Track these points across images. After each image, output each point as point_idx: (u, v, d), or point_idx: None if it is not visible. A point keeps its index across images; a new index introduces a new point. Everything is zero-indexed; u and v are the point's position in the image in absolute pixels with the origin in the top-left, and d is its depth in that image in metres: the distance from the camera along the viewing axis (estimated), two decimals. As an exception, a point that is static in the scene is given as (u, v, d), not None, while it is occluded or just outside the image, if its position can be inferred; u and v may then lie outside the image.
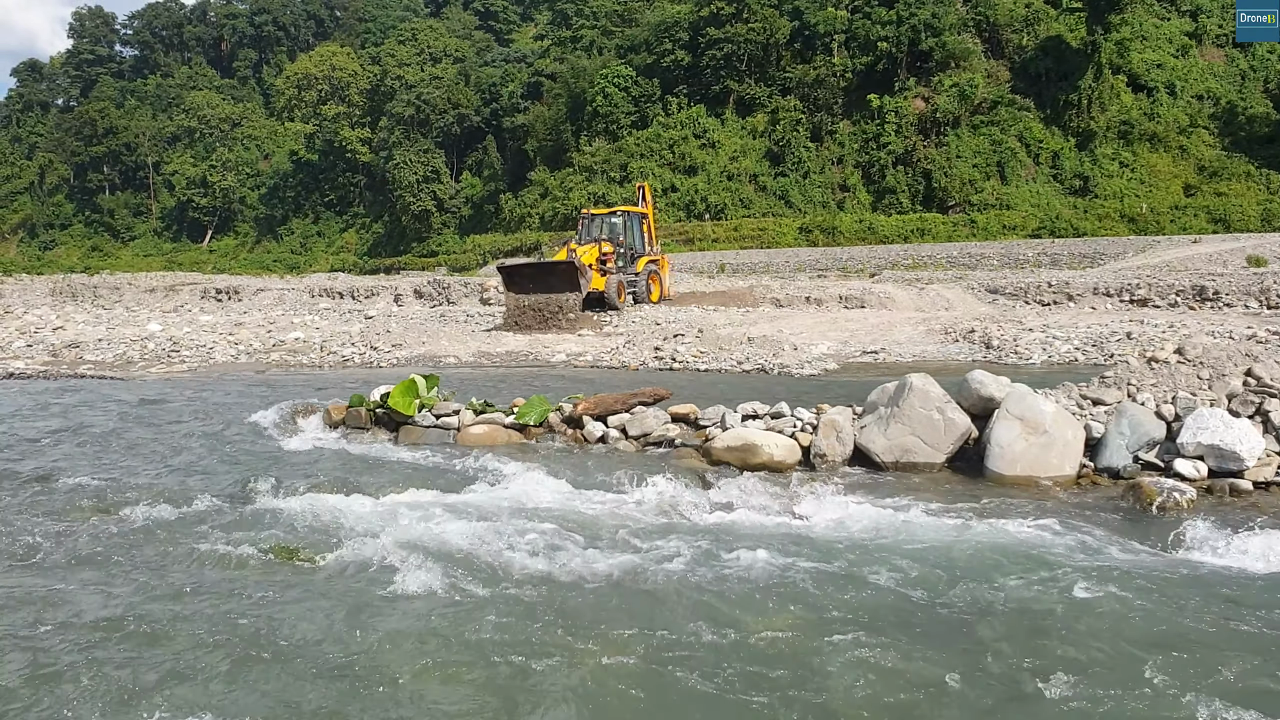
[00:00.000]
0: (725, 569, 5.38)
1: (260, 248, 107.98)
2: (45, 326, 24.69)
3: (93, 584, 5.26)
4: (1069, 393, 7.93)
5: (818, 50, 74.27)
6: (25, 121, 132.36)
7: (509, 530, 6.02)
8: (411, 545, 5.74)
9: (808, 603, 4.92)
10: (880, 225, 63.43)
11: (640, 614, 4.80)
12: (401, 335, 21.26)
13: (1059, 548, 5.67)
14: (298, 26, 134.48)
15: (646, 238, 29.61)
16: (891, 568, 5.36)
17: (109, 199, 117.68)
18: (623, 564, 5.51)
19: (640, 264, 28.38)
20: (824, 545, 5.80)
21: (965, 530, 6.03)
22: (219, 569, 5.49)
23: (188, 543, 5.96)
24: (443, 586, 5.12)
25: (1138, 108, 65.12)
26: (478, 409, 9.45)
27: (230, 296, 41.28)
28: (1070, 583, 5.05)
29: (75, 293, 46.45)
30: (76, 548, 5.91)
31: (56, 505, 6.87)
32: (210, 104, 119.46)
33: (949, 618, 4.72)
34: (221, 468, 8.20)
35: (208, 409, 11.51)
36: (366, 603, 4.98)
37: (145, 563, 5.59)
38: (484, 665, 4.27)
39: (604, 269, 26.09)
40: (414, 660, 4.32)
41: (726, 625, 4.64)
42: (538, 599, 4.99)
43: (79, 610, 4.87)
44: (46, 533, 6.19)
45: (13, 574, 5.40)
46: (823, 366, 16.10)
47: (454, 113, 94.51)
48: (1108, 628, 4.56)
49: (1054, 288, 28.09)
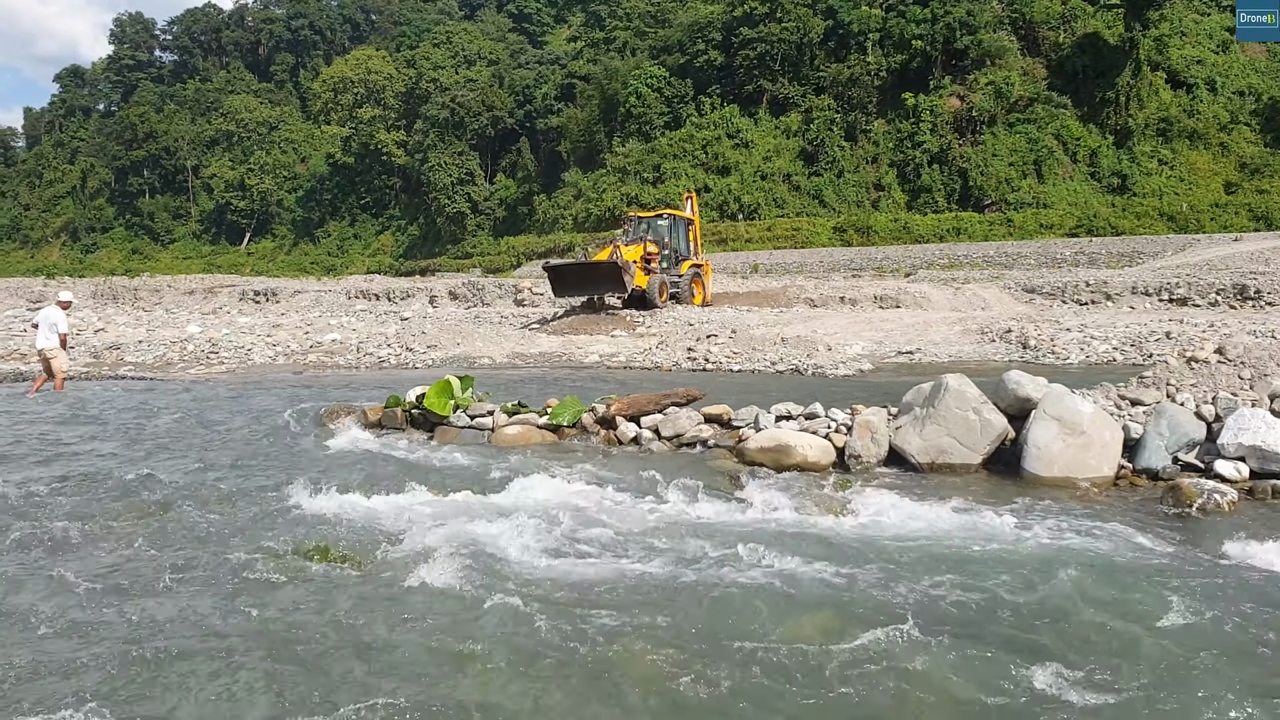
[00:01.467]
0: (759, 570, 5.37)
1: (297, 250, 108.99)
2: (87, 329, 25.06)
3: (130, 582, 5.32)
4: (1107, 393, 7.85)
5: (852, 49, 73.87)
6: (68, 126, 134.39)
7: (542, 530, 6.04)
8: (445, 545, 5.77)
9: (842, 605, 4.90)
10: (915, 224, 63.01)
11: (674, 614, 4.79)
12: (436, 336, 21.38)
13: (1097, 549, 5.61)
14: (334, 30, 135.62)
15: (692, 243, 30.48)
16: (928, 570, 5.32)
17: (149, 202, 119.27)
18: (656, 565, 5.51)
19: (684, 267, 29.04)
20: (859, 547, 5.77)
21: (1002, 532, 5.98)
22: (254, 568, 5.54)
23: (224, 542, 6.03)
24: (475, 587, 5.14)
25: (1177, 104, 64.29)
26: (511, 410, 9.50)
27: (268, 298, 41.69)
28: (1110, 585, 5.00)
29: (116, 295, 47.07)
30: (115, 546, 5.99)
31: (95, 504, 6.97)
32: (248, 108, 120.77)
33: (987, 620, 4.68)
34: (259, 468, 8.29)
35: (246, 409, 11.63)
36: (401, 602, 5.01)
37: (182, 561, 5.66)
38: (518, 665, 4.28)
39: (647, 268, 26.76)
40: (447, 660, 4.35)
41: (761, 627, 4.63)
42: (571, 599, 5.00)
43: (116, 606, 4.94)
44: (86, 531, 6.28)
45: (55, 569, 5.49)
46: (857, 367, 16.03)
47: (488, 115, 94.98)
48: (1150, 631, 4.50)
49: (1092, 287, 27.81)
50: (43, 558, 5.78)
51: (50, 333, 14.25)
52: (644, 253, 26.87)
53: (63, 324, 14.39)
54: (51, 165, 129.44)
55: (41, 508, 6.86)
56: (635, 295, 26.08)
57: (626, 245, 26.82)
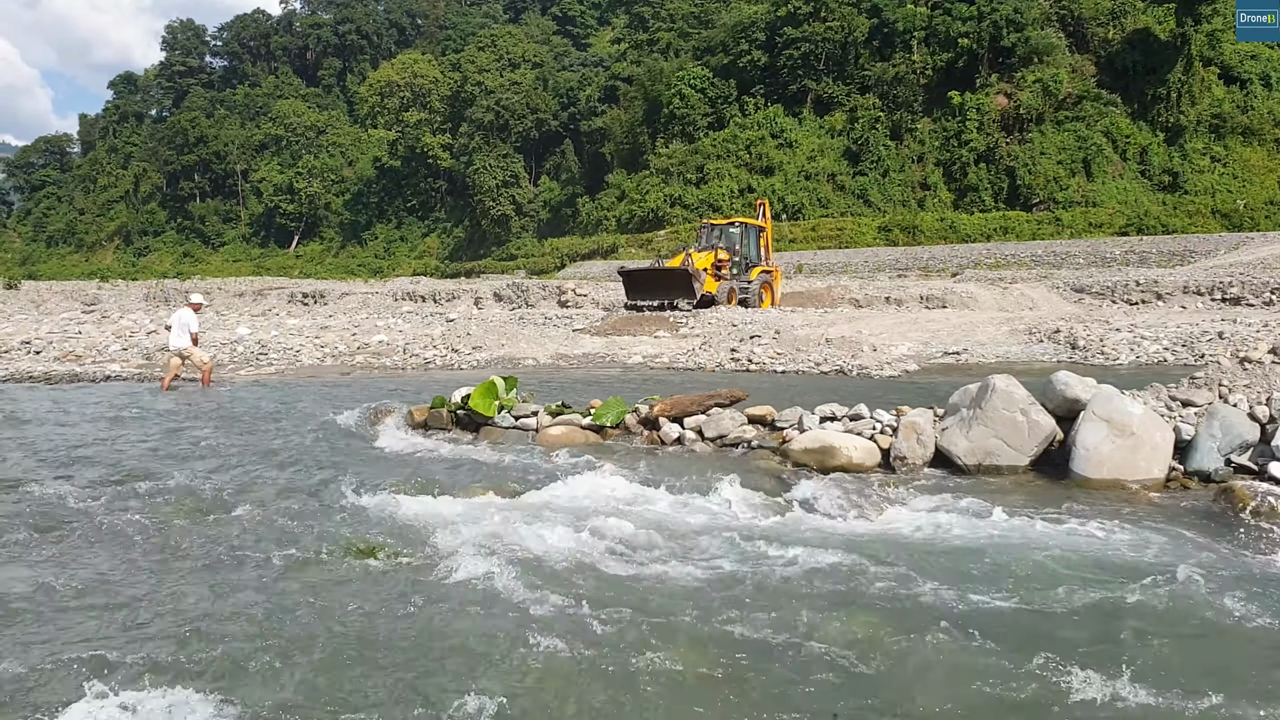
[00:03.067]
0: (802, 571, 5.35)
1: (345, 253, 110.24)
2: (139, 331, 25.48)
3: (182, 578, 5.42)
4: (1157, 394, 7.73)
5: (897, 48, 73.40)
6: (121, 132, 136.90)
7: (585, 530, 6.07)
8: (488, 544, 5.81)
9: (887, 607, 4.87)
10: (962, 224, 62.43)
11: (717, 615, 4.80)
12: (481, 338, 21.52)
13: (1148, 552, 5.53)
14: (380, 35, 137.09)
15: (763, 250, 31.34)
16: (975, 572, 5.28)
17: (200, 206, 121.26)
18: (700, 565, 5.51)
19: (754, 273, 29.96)
20: (905, 548, 5.74)
21: (1051, 534, 5.92)
22: (302, 566, 5.62)
23: (273, 539, 6.12)
24: (519, 586, 5.17)
25: (1230, 100, 63.16)
26: (555, 411, 9.54)
27: (316, 301, 42.19)
28: (1161, 588, 4.93)
29: (168, 298, 47.88)
30: (166, 544, 6.10)
31: (148, 503, 7.10)
32: (296, 112, 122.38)
33: (1037, 625, 4.64)
34: (307, 467, 8.39)
35: (294, 410, 11.78)
36: (444, 600, 5.05)
37: (231, 560, 5.75)
38: (558, 664, 4.30)
39: (718, 274, 27.86)
40: (487, 657, 4.38)
41: (805, 628, 4.62)
42: (613, 599, 5.01)
43: (166, 600, 5.03)
44: (140, 529, 6.40)
45: (107, 568, 5.60)
46: (903, 368, 15.91)
47: (532, 117, 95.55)
48: (1202, 636, 4.44)
49: (1142, 286, 27.40)
50: (97, 553, 5.90)
51: (182, 332, 15.42)
52: (715, 259, 27.88)
53: (194, 324, 15.64)
54: (105, 170, 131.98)
55: (94, 505, 7.00)
56: (705, 301, 26.98)
57: (699, 252, 27.97)
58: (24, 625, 4.74)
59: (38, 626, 4.72)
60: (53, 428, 10.83)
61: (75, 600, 5.08)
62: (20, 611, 4.91)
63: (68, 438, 10.07)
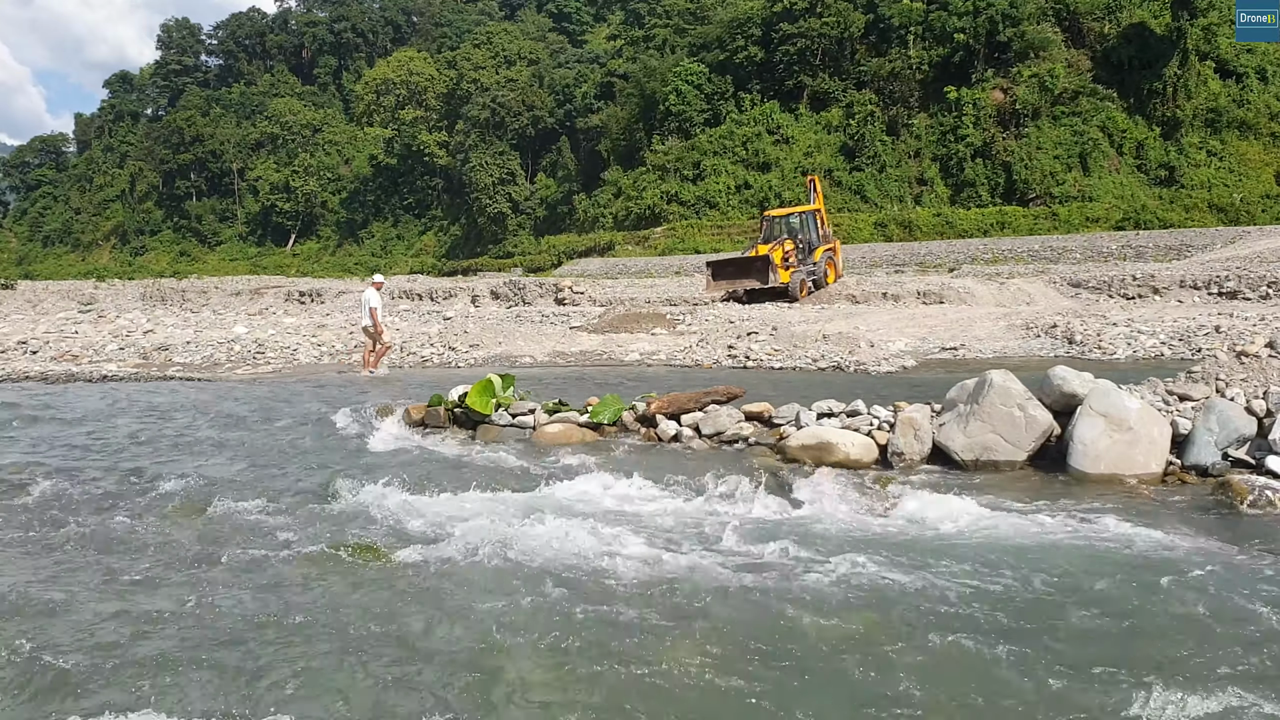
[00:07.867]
0: (800, 567, 5.35)
1: (342, 251, 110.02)
2: (136, 330, 25.46)
3: (177, 578, 5.42)
4: (1154, 388, 7.73)
5: (893, 43, 73.24)
6: (117, 131, 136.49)
7: (583, 528, 6.06)
8: (486, 542, 5.81)
9: (886, 603, 4.87)
10: (959, 219, 62.31)
11: (714, 612, 4.80)
12: (478, 336, 21.50)
13: (1147, 547, 5.53)
14: (376, 33, 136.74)
15: (821, 230, 32.88)
16: (973, 568, 5.28)
17: (196, 205, 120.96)
18: (697, 562, 5.51)
19: (818, 253, 31.73)
20: (903, 544, 5.74)
21: (1049, 529, 5.92)
22: (300, 565, 5.62)
23: (270, 539, 6.11)
24: (517, 584, 5.18)
25: (1226, 95, 63.06)
26: (552, 409, 9.53)
27: (313, 299, 42.16)
28: (1160, 583, 4.93)
29: (164, 297, 47.85)
30: (164, 543, 6.10)
31: (146, 502, 7.09)
32: (292, 111, 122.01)
33: (1035, 619, 4.64)
34: (304, 466, 8.39)
35: (291, 409, 11.77)
36: (442, 597, 5.06)
37: (229, 559, 5.74)
38: (556, 662, 4.30)
39: (786, 264, 29.70)
40: (486, 655, 4.38)
41: (802, 625, 4.62)
42: (612, 596, 5.01)
43: (164, 598, 5.03)
44: (137, 528, 6.40)
45: (105, 563, 5.59)
46: (900, 364, 15.91)
47: (528, 115, 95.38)
48: (1201, 629, 4.44)
49: (1139, 281, 27.41)
50: (95, 553, 5.89)
51: (367, 312, 16.33)
52: (783, 253, 29.76)
53: (374, 300, 16.38)
54: (101, 169, 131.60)
55: (93, 504, 6.99)
56: (778, 291, 29.33)
57: (764, 245, 30.19)
58: (24, 625, 4.73)
59: (37, 626, 4.71)
60: (50, 427, 10.81)
61: (72, 599, 5.07)
62: (20, 611, 4.90)
63: (64, 438, 10.06)
